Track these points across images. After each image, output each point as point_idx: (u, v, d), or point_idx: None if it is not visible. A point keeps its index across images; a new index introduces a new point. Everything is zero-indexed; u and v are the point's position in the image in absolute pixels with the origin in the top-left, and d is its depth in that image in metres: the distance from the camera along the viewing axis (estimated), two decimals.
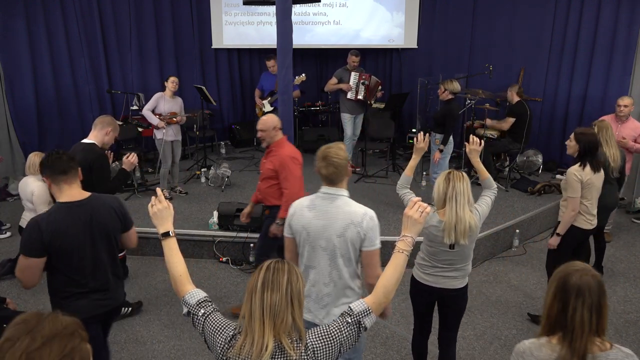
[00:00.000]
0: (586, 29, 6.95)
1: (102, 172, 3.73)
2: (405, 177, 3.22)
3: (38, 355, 1.23)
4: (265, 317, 1.69)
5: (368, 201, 6.20)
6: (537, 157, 7.16)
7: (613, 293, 4.67)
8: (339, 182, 2.55)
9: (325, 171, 2.50)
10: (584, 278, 1.75)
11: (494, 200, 3.16)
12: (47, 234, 2.51)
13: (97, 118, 3.94)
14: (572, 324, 1.72)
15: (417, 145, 3.25)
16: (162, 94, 6.22)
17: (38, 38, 7.19)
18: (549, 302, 1.79)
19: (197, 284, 2.66)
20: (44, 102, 7.42)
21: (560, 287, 1.76)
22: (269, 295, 1.70)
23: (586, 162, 3.80)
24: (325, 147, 2.56)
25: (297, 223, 2.57)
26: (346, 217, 2.48)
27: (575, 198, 3.81)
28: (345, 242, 2.48)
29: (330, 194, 2.54)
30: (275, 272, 1.74)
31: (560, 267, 1.84)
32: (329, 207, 2.51)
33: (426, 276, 3.10)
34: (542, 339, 1.80)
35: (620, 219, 6.29)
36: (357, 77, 6.83)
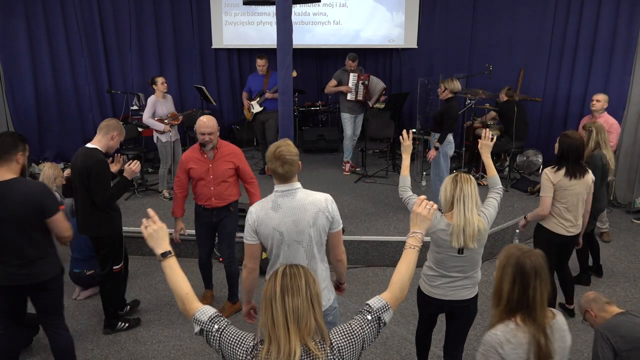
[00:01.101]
0: (586, 29, 6.95)
1: (99, 179, 3.61)
2: (404, 178, 3.17)
3: None
4: (289, 322, 1.68)
5: (368, 201, 6.21)
6: (537, 157, 7.17)
7: (613, 293, 4.67)
8: (292, 177, 2.60)
9: (281, 170, 2.54)
10: (534, 259, 1.92)
11: (499, 202, 3.08)
12: None
13: (103, 121, 3.81)
14: (533, 304, 1.88)
15: (403, 144, 3.25)
16: (155, 97, 6.17)
17: (38, 38, 7.19)
18: (508, 287, 1.92)
19: (197, 284, 2.66)
20: (44, 102, 7.42)
21: (518, 272, 1.90)
22: (290, 300, 1.69)
23: (563, 165, 3.74)
24: (274, 146, 2.58)
25: (266, 227, 2.58)
26: (313, 206, 2.58)
27: (544, 197, 3.78)
28: (318, 230, 2.61)
29: (289, 190, 2.59)
30: (292, 277, 1.73)
31: (505, 252, 1.98)
32: (293, 203, 2.58)
33: (434, 289, 2.98)
34: (510, 324, 1.92)
35: (620, 219, 6.29)
36: (356, 77, 6.84)
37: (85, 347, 3.88)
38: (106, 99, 7.83)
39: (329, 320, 2.74)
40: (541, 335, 1.89)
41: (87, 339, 3.98)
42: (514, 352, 1.90)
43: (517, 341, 1.90)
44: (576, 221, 3.86)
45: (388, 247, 5.15)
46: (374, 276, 4.98)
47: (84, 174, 3.61)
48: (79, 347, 3.88)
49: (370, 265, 5.14)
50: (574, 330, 4.08)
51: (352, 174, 7.23)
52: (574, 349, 3.89)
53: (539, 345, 1.88)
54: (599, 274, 4.94)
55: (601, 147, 4.38)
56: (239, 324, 2.15)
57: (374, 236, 5.23)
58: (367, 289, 4.75)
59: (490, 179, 3.19)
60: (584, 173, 3.76)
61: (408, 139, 3.25)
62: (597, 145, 4.39)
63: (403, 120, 8.73)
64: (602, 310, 2.74)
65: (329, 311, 2.74)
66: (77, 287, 4.60)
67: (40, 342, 3.96)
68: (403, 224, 5.54)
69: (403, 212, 5.61)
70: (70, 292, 4.62)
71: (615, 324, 2.59)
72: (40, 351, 3.89)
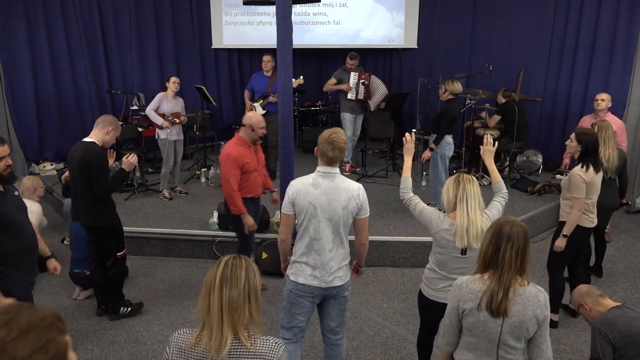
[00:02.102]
0: (586, 28, 6.95)
1: (99, 171, 3.74)
2: (405, 180, 3.16)
3: (11, 347, 1.22)
4: (224, 311, 1.75)
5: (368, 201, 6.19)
6: (537, 157, 7.17)
7: (613, 293, 4.66)
8: (337, 162, 2.90)
9: (331, 154, 2.84)
10: (514, 228, 2.16)
11: (504, 207, 3.06)
12: None
13: (99, 117, 3.95)
14: (502, 263, 2.14)
15: (406, 146, 3.27)
16: (164, 94, 6.22)
17: (38, 38, 7.19)
18: (485, 246, 2.20)
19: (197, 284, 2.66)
20: (44, 102, 7.42)
21: (495, 234, 2.17)
22: (227, 291, 1.76)
23: (589, 162, 3.79)
24: (329, 132, 2.88)
25: (304, 200, 2.86)
26: (347, 192, 2.87)
27: (581, 199, 3.79)
28: (347, 213, 2.89)
29: (329, 172, 2.89)
30: (233, 268, 1.80)
31: (495, 221, 2.26)
32: (331, 184, 2.87)
33: (437, 292, 2.96)
34: (477, 275, 2.23)
35: (620, 219, 6.29)
36: (357, 77, 6.82)
37: (86, 347, 3.88)
38: (106, 99, 7.83)
39: (345, 295, 3.05)
40: (501, 289, 2.12)
41: (87, 339, 3.98)
42: (467, 295, 2.21)
43: (472, 287, 2.21)
44: (595, 212, 3.98)
45: (388, 247, 5.15)
46: (374, 276, 4.97)
47: (84, 167, 3.73)
48: (79, 347, 3.88)
49: (370, 265, 5.13)
50: (574, 331, 4.09)
51: (352, 174, 7.23)
52: (574, 349, 3.89)
53: (492, 297, 2.13)
54: (599, 274, 4.94)
55: (600, 145, 4.36)
56: None
57: (374, 236, 5.22)
58: (367, 289, 4.75)
59: (496, 184, 3.17)
60: (600, 166, 3.89)
61: (411, 140, 3.27)
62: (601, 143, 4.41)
63: (403, 120, 8.73)
64: (597, 303, 2.76)
65: (347, 286, 3.03)
66: (77, 287, 4.59)
67: None
68: (403, 224, 5.54)
69: (403, 212, 5.61)
70: (70, 292, 4.62)
71: (611, 319, 2.60)
72: None
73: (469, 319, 2.21)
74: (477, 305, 2.17)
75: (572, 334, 4.06)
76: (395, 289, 4.72)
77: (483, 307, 2.15)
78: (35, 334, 1.26)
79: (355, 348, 3.88)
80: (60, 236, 5.79)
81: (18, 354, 1.22)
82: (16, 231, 2.91)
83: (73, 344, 2.51)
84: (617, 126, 5.40)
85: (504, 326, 2.15)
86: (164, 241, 5.36)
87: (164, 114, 6.16)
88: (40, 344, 1.26)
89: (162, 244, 5.36)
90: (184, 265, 5.21)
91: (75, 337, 4.01)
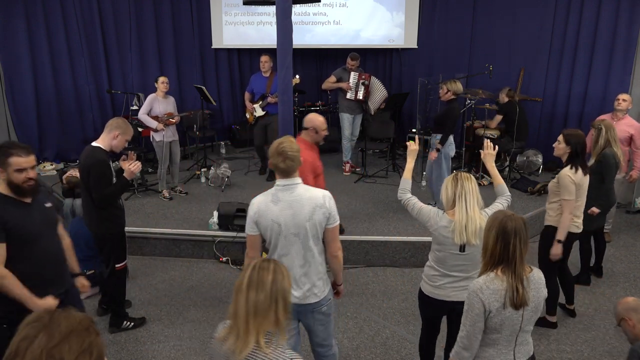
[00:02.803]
0: (586, 28, 6.95)
1: (98, 178, 3.64)
2: (405, 181, 3.18)
3: (58, 352, 1.24)
4: (249, 315, 1.75)
5: (368, 201, 6.21)
6: (537, 157, 7.17)
7: (613, 293, 4.67)
8: (294, 172, 2.72)
9: (283, 165, 2.67)
10: (517, 222, 2.22)
11: (506, 208, 3.04)
12: None
13: (110, 120, 3.85)
14: (513, 258, 2.20)
15: (411, 148, 3.32)
16: (154, 95, 6.17)
17: (38, 38, 7.19)
18: (492, 244, 2.23)
19: (197, 284, 2.67)
20: (44, 102, 7.42)
21: (501, 231, 2.21)
22: (253, 295, 1.76)
23: (577, 163, 3.73)
24: (277, 142, 2.71)
25: (266, 219, 2.70)
26: (311, 202, 2.70)
27: (571, 201, 3.72)
28: (314, 224, 2.71)
29: (288, 184, 2.71)
30: (260, 272, 1.80)
31: (492, 219, 2.28)
32: (292, 197, 2.70)
33: (436, 289, 2.97)
34: (490, 274, 2.24)
35: (620, 219, 6.29)
36: (357, 76, 6.82)
37: None
38: (106, 99, 7.83)
39: (323, 310, 2.86)
40: (519, 283, 2.19)
41: None
42: (492, 296, 2.19)
43: (494, 287, 2.20)
44: (582, 216, 3.90)
45: (388, 247, 5.15)
46: (374, 276, 4.97)
47: (85, 172, 3.70)
48: None
49: (370, 265, 5.14)
50: (574, 331, 4.09)
51: (352, 174, 7.23)
52: (574, 349, 3.89)
53: (515, 292, 2.18)
54: (599, 274, 4.93)
55: (611, 144, 4.35)
56: None
57: (374, 236, 5.23)
58: (367, 289, 4.74)
59: (498, 187, 3.19)
60: (588, 168, 3.82)
61: (416, 144, 3.33)
62: (607, 143, 4.35)
63: (403, 120, 8.73)
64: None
65: (324, 302, 2.85)
66: None
67: None
68: (403, 224, 5.53)
69: (403, 212, 5.60)
70: None
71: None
72: None
73: (495, 319, 2.22)
74: (502, 304, 2.19)
75: (572, 334, 4.06)
76: (395, 289, 4.72)
77: (508, 304, 2.19)
78: (78, 338, 1.28)
79: (355, 348, 3.88)
80: None
81: (65, 358, 1.23)
82: (32, 246, 2.72)
83: None
84: (635, 129, 5.28)
85: (524, 315, 2.24)
86: (164, 241, 5.36)
87: (157, 116, 6.13)
88: (84, 347, 1.28)
89: (162, 244, 5.36)
90: (184, 265, 5.21)
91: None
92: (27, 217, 2.72)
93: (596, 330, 4.13)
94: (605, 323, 4.22)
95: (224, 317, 1.91)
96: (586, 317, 4.30)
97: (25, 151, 2.69)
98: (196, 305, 4.47)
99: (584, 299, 4.53)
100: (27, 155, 2.69)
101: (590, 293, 4.67)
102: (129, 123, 3.89)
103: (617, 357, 3.80)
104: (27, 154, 2.69)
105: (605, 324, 4.20)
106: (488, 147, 3.32)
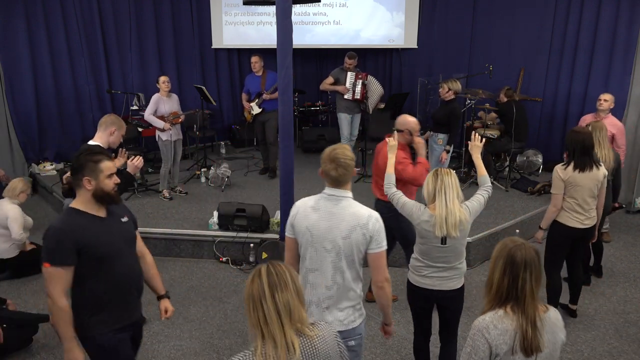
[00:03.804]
0: (586, 28, 6.95)
1: None
2: (390, 176, 3.32)
3: None
4: (282, 317, 1.71)
5: (368, 201, 6.17)
6: (537, 157, 7.17)
7: (613, 293, 4.67)
8: (345, 183, 2.50)
9: (335, 173, 2.44)
10: (528, 252, 1.96)
11: (487, 199, 3.17)
12: None
13: (102, 117, 3.86)
14: (522, 294, 1.93)
15: (390, 144, 3.45)
16: (158, 95, 6.20)
17: (38, 38, 7.19)
18: (498, 277, 1.98)
19: (197, 284, 2.66)
20: (44, 102, 7.42)
21: (509, 263, 1.96)
22: (280, 296, 1.72)
23: (570, 160, 3.80)
24: (330, 149, 2.51)
25: (301, 224, 2.52)
26: (352, 219, 2.45)
27: (556, 195, 3.85)
28: (350, 245, 2.44)
29: (335, 195, 2.49)
30: (278, 274, 1.76)
31: (500, 247, 2.05)
32: (334, 209, 2.48)
33: (422, 278, 3.10)
34: (499, 311, 1.97)
35: (620, 219, 6.29)
36: (354, 76, 6.83)
37: None
38: (106, 99, 7.83)
39: (349, 344, 2.48)
40: (529, 325, 1.92)
41: None
42: (499, 337, 1.94)
43: (503, 327, 1.94)
44: (589, 214, 3.89)
45: None
46: None
47: None
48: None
49: None
50: (574, 331, 4.09)
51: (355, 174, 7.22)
52: (574, 349, 3.89)
53: (525, 335, 1.91)
54: (599, 274, 4.93)
55: (596, 146, 4.35)
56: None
57: None
58: (367, 289, 4.74)
59: (480, 177, 3.31)
60: (592, 167, 3.78)
61: (394, 139, 3.45)
62: None
63: None
64: None
65: (351, 335, 2.53)
66: None
67: (39, 342, 3.96)
68: None
69: None
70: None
71: None
72: (40, 351, 3.89)
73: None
74: (511, 347, 1.94)
75: (572, 334, 4.06)
76: (395, 289, 4.71)
77: (518, 348, 1.93)
78: None
79: None
80: None
81: None
82: (108, 266, 2.47)
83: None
84: (617, 129, 5.37)
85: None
86: (164, 241, 5.36)
87: (163, 115, 6.15)
88: None
89: (162, 244, 5.36)
90: (184, 265, 5.21)
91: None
92: (105, 234, 2.46)
93: (596, 330, 4.13)
94: (605, 323, 4.22)
95: (224, 316, 1.91)
96: (586, 317, 4.30)
97: (108, 155, 2.56)
98: (196, 305, 4.47)
99: (584, 299, 4.53)
100: (110, 158, 2.55)
101: (590, 293, 4.67)
102: (120, 118, 3.93)
103: (617, 357, 3.81)
104: (110, 157, 2.53)
105: (605, 324, 4.20)
106: (475, 139, 3.44)
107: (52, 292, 2.36)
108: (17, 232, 4.69)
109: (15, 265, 4.84)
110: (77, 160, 2.45)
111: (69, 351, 2.46)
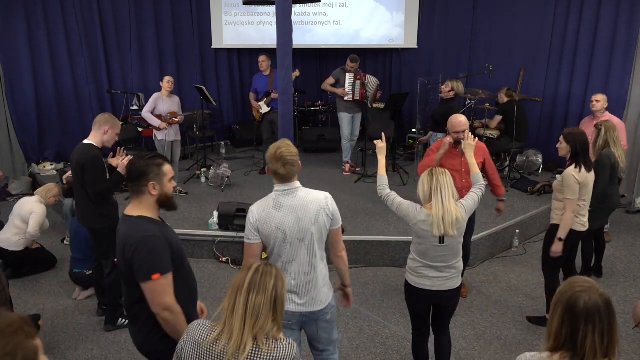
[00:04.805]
0: (586, 28, 6.95)
1: (92, 174, 3.70)
2: (382, 177, 3.32)
3: None
4: (247, 316, 1.75)
5: (368, 201, 6.20)
6: (537, 157, 7.17)
7: (613, 293, 4.66)
8: (293, 177, 2.62)
9: (283, 171, 2.55)
10: (593, 300, 1.63)
11: (480, 197, 3.21)
12: None
13: (96, 117, 3.91)
14: (582, 349, 1.62)
15: (379, 146, 3.47)
16: (159, 94, 6.23)
17: (38, 38, 7.19)
18: (556, 325, 1.66)
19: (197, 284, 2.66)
20: (44, 102, 7.42)
21: (569, 311, 1.64)
22: (254, 297, 1.75)
23: (580, 162, 3.76)
24: (275, 147, 2.58)
25: (269, 225, 2.58)
26: (314, 204, 2.61)
27: (573, 200, 3.75)
28: (320, 228, 2.63)
29: (289, 189, 2.62)
30: (263, 275, 1.79)
31: (564, 286, 1.72)
32: (294, 202, 2.60)
33: (420, 279, 3.08)
34: (544, 354, 1.69)
35: (620, 219, 6.29)
36: (353, 77, 6.86)
37: (86, 347, 3.88)
38: (106, 99, 7.83)
39: (327, 318, 2.77)
40: None
41: (87, 339, 3.98)
42: None
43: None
44: (587, 214, 3.92)
45: (388, 247, 5.15)
46: (374, 276, 4.97)
47: (79, 170, 3.74)
48: (79, 347, 3.88)
49: (370, 265, 5.14)
50: None
51: (352, 174, 7.23)
52: None
53: None
54: (599, 274, 4.94)
55: (610, 146, 4.36)
56: None
57: (374, 236, 5.23)
58: (367, 289, 4.74)
59: (473, 175, 3.35)
60: (592, 166, 3.83)
61: (382, 141, 3.47)
62: (606, 144, 4.38)
63: (403, 120, 8.73)
64: None
65: (329, 309, 2.77)
66: (77, 287, 4.60)
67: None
68: (403, 224, 5.51)
69: None
70: (70, 292, 4.62)
71: None
72: None
73: None
74: None
75: None
76: (395, 289, 4.72)
77: None
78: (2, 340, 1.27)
79: (355, 348, 3.88)
80: (60, 236, 5.79)
81: None
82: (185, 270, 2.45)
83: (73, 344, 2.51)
84: (618, 126, 5.40)
85: None
86: None
87: (160, 114, 6.15)
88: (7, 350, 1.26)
89: None
90: None
91: (75, 337, 4.01)
92: (174, 235, 2.43)
93: None
94: None
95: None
96: None
97: (164, 157, 2.48)
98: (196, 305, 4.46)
99: None
100: (169, 162, 2.47)
101: None
102: (114, 117, 3.97)
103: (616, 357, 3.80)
104: (168, 161, 2.47)
105: None
106: (468, 138, 3.48)
107: (166, 301, 2.23)
108: (34, 228, 4.80)
109: (18, 261, 4.87)
110: (138, 166, 2.32)
111: None
